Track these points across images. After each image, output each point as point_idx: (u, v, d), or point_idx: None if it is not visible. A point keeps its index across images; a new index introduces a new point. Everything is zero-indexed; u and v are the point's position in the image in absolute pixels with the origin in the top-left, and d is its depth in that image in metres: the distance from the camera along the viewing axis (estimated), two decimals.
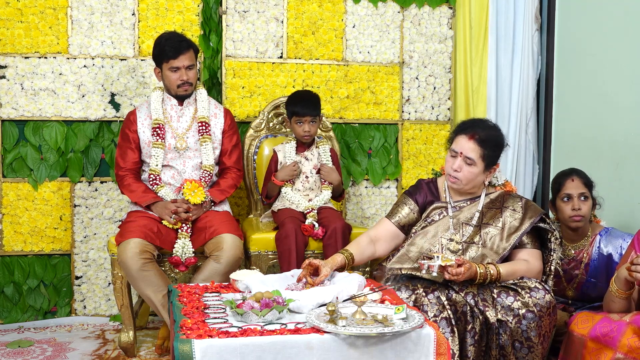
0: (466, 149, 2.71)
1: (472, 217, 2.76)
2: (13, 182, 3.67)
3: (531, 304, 2.47)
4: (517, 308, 2.47)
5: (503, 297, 2.51)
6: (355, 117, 4.01)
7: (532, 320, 2.46)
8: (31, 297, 3.70)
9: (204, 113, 3.35)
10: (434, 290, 2.52)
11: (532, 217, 2.72)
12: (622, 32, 3.59)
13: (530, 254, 2.71)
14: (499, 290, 2.54)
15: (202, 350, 1.94)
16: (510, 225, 2.72)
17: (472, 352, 2.48)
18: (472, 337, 2.48)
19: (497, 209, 2.77)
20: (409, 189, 2.96)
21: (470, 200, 2.81)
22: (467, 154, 2.70)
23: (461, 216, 2.78)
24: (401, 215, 2.86)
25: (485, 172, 2.76)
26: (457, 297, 2.52)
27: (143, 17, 3.74)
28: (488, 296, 2.52)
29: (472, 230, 2.74)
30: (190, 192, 3.19)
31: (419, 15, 4.04)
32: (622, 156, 3.54)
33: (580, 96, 3.93)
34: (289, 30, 3.89)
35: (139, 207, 3.24)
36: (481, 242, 2.72)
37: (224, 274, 3.03)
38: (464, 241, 2.72)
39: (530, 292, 2.49)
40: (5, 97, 3.64)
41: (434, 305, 2.47)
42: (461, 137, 2.75)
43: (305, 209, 3.39)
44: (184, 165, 3.32)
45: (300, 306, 2.23)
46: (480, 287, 2.57)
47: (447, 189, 2.85)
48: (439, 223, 2.78)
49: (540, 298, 2.48)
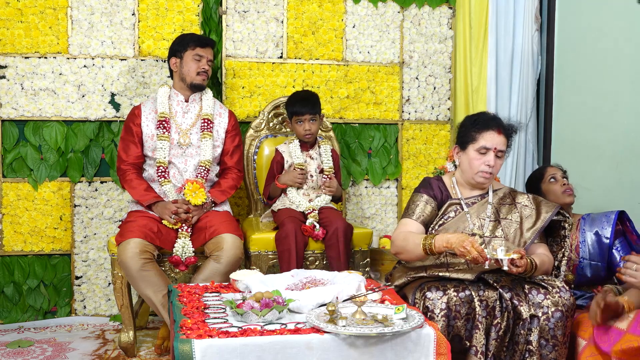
0: (499, 144, 2.76)
1: (487, 211, 2.81)
2: (13, 182, 3.67)
3: (560, 304, 2.51)
4: (547, 306, 2.51)
5: (534, 294, 2.54)
6: (355, 117, 4.01)
7: (560, 320, 2.50)
8: (31, 297, 3.70)
9: (208, 111, 3.37)
10: (464, 288, 2.53)
11: (549, 212, 2.78)
12: (622, 32, 3.59)
13: (545, 248, 2.79)
14: (530, 286, 2.57)
15: (202, 350, 1.94)
16: (526, 219, 2.78)
17: (493, 347, 2.51)
18: (497, 332, 2.52)
19: (510, 204, 2.82)
20: (420, 187, 2.91)
21: (480, 197, 2.84)
22: (500, 147, 2.77)
23: (476, 211, 2.81)
24: (425, 213, 2.81)
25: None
26: (489, 292, 2.54)
27: (143, 17, 3.74)
28: (520, 292, 2.56)
29: (492, 224, 2.78)
30: (192, 193, 3.19)
31: (419, 15, 4.05)
32: (622, 156, 3.54)
33: (580, 96, 3.93)
34: (289, 30, 3.89)
35: (140, 207, 3.24)
36: (504, 235, 2.75)
37: (224, 273, 3.03)
38: (487, 235, 2.75)
39: (559, 291, 2.53)
40: (5, 97, 3.64)
41: (465, 303, 2.49)
42: (489, 133, 2.76)
43: (306, 209, 3.39)
44: (185, 163, 3.32)
45: (300, 306, 2.23)
46: (513, 281, 2.60)
47: (457, 186, 2.88)
48: (457, 219, 2.80)
49: (567, 299, 2.52)
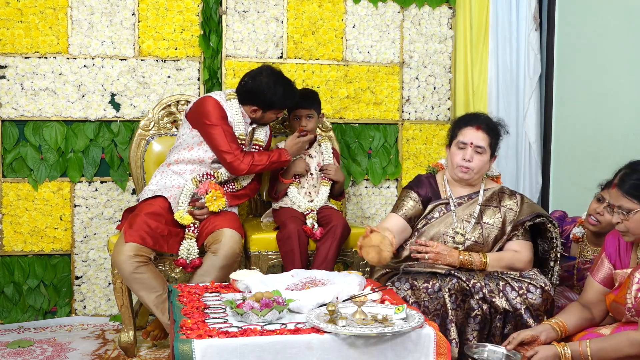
0: (476, 139, 2.83)
1: (472, 213, 2.85)
2: (13, 182, 3.67)
3: (528, 303, 2.59)
4: (520, 303, 2.59)
5: (508, 291, 2.62)
6: (355, 117, 4.01)
7: (530, 317, 2.58)
8: (31, 297, 3.70)
9: (261, 137, 3.44)
10: (434, 283, 2.62)
11: (525, 215, 2.83)
12: (622, 32, 3.59)
13: (520, 244, 2.81)
14: (504, 283, 2.64)
15: (202, 350, 1.94)
16: (509, 222, 2.83)
17: (475, 338, 2.59)
18: (477, 322, 2.60)
19: (495, 207, 2.86)
20: (409, 183, 3.03)
21: (469, 197, 2.89)
22: (477, 143, 2.82)
23: (462, 212, 2.86)
24: (407, 208, 2.91)
25: (490, 160, 2.89)
26: (463, 284, 2.61)
27: (143, 17, 3.74)
28: (495, 287, 2.62)
29: (474, 226, 2.82)
30: (212, 198, 3.18)
31: (419, 15, 4.05)
32: (622, 156, 3.53)
33: (580, 96, 3.93)
34: (289, 30, 3.89)
35: (153, 195, 3.21)
36: (482, 241, 2.80)
37: (222, 267, 3.03)
38: (467, 238, 2.80)
39: (527, 292, 2.61)
40: (5, 97, 3.64)
41: (432, 294, 2.59)
42: (467, 129, 2.86)
43: (306, 209, 3.40)
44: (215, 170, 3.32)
45: (300, 306, 2.23)
46: (487, 277, 2.65)
47: (448, 184, 2.93)
48: (440, 220, 2.85)
49: (536, 298, 2.60)
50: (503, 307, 2.58)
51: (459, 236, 2.78)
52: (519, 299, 2.59)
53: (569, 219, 3.27)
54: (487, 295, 2.60)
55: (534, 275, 2.67)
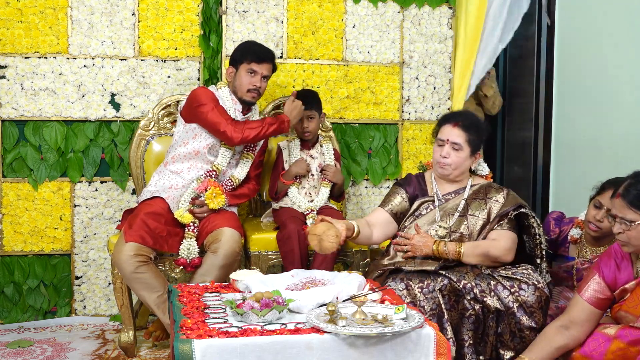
0: (452, 136, 2.89)
1: (457, 207, 2.90)
2: (13, 182, 3.67)
3: (521, 301, 2.62)
4: (513, 301, 2.62)
5: (499, 290, 2.65)
6: (355, 117, 4.01)
7: (524, 315, 2.61)
8: (31, 297, 3.70)
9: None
10: (428, 283, 2.64)
11: (509, 206, 2.85)
12: (622, 32, 3.59)
13: (500, 233, 2.83)
14: (495, 282, 2.66)
15: (202, 350, 1.95)
16: (494, 214, 2.86)
17: (471, 338, 2.62)
18: (472, 322, 2.63)
19: (481, 199, 2.90)
20: (399, 180, 3.11)
21: (456, 193, 2.94)
22: (453, 139, 2.88)
23: (447, 207, 2.91)
24: (394, 204, 3.00)
25: (471, 157, 2.93)
26: (455, 284, 2.64)
27: (143, 17, 3.74)
28: (486, 287, 2.65)
29: (459, 219, 2.87)
30: (212, 196, 3.19)
31: (419, 15, 4.04)
32: (622, 156, 3.54)
33: (580, 96, 3.93)
34: (289, 30, 3.89)
35: (152, 196, 3.21)
36: (468, 233, 2.85)
37: (222, 266, 3.03)
38: (452, 230, 2.85)
39: (519, 290, 2.64)
40: (5, 97, 3.64)
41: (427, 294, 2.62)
42: (445, 126, 2.94)
43: (306, 209, 3.40)
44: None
45: (300, 306, 2.24)
46: (478, 277, 2.68)
47: (435, 181, 2.99)
48: (427, 216, 2.91)
49: (529, 295, 2.62)
50: (495, 307, 2.61)
51: (441, 229, 2.83)
52: (512, 297, 2.61)
53: (566, 220, 3.27)
54: (478, 295, 2.62)
55: (526, 273, 2.68)
